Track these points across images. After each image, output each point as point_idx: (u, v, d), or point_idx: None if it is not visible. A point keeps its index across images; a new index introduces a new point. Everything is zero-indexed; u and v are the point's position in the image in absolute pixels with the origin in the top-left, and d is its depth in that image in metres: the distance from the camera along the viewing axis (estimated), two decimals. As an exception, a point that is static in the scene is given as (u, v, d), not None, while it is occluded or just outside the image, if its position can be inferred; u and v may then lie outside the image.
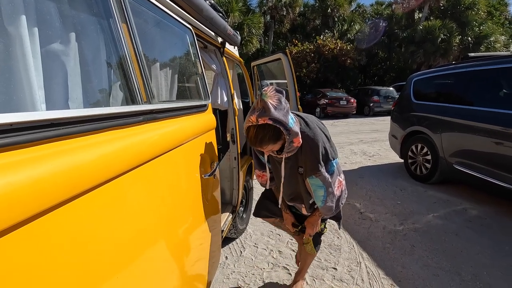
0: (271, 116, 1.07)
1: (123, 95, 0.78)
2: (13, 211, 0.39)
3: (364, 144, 6.74)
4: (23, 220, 0.41)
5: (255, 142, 1.14)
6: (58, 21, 0.67)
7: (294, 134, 1.15)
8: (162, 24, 1.16)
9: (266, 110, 1.07)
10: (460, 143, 3.33)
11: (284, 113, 1.11)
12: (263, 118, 1.07)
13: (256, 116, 1.08)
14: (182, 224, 1.05)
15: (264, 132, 1.11)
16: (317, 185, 1.31)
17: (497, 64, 3.07)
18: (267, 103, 1.07)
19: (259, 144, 1.15)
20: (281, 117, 1.09)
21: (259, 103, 1.09)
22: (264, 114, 1.07)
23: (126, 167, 0.67)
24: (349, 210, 3.10)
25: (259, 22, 14.65)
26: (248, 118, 1.11)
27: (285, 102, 1.13)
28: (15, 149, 0.43)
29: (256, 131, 1.12)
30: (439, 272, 2.04)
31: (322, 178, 1.28)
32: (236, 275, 2.02)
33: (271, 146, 1.17)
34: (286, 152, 1.24)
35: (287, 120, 1.11)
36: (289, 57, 2.70)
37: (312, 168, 1.27)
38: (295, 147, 1.22)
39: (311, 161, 1.27)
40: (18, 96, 0.51)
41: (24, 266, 0.42)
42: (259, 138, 1.12)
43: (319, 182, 1.30)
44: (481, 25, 16.69)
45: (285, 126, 1.11)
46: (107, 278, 0.62)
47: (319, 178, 1.28)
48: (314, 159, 1.26)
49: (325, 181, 1.29)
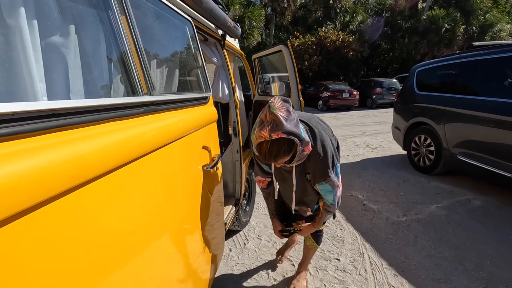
0: (284, 129, 1.03)
1: (124, 87, 0.78)
2: (15, 200, 0.40)
3: (367, 136, 6.72)
4: (25, 209, 0.41)
5: (270, 157, 1.09)
6: (57, 13, 0.66)
7: (305, 143, 1.12)
8: (162, 16, 1.15)
9: (278, 123, 1.03)
10: (464, 133, 3.30)
11: (295, 123, 1.08)
12: (277, 133, 1.03)
13: (269, 131, 1.03)
14: (184, 216, 1.06)
15: (278, 146, 1.07)
16: (326, 190, 1.33)
17: (501, 53, 3.02)
18: (277, 116, 1.03)
19: (274, 159, 1.10)
20: (294, 129, 1.06)
21: (267, 116, 1.05)
22: (277, 128, 1.03)
23: (128, 158, 0.67)
24: (352, 201, 3.11)
25: (260, 15, 14.46)
26: (259, 134, 1.05)
27: (293, 112, 1.10)
28: (17, 139, 0.43)
29: (270, 146, 1.07)
30: (442, 262, 2.05)
31: (332, 183, 1.30)
32: (240, 266, 2.05)
33: (285, 159, 1.14)
34: (296, 161, 1.21)
35: (299, 130, 1.09)
36: (290, 49, 2.68)
37: (323, 174, 1.27)
38: (305, 155, 1.20)
39: (321, 168, 1.26)
40: (19, 88, 0.51)
41: (25, 253, 0.43)
42: (274, 153, 1.08)
43: (329, 188, 1.31)
44: (486, 14, 16.36)
45: (299, 137, 1.08)
46: (109, 268, 0.63)
47: (329, 184, 1.30)
48: (323, 166, 1.25)
49: (334, 186, 1.31)
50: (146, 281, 0.78)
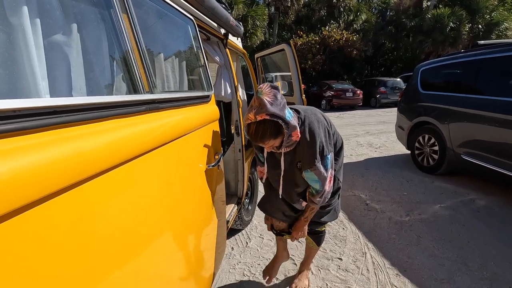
0: (268, 111, 1.11)
1: (126, 85, 0.79)
2: (16, 196, 0.40)
3: (371, 136, 6.68)
4: (26, 205, 0.42)
5: (256, 138, 1.18)
6: (60, 12, 0.67)
7: (292, 128, 1.19)
8: (164, 14, 1.16)
9: (263, 106, 1.12)
10: (468, 133, 3.27)
11: (280, 107, 1.15)
12: (261, 115, 1.12)
13: (254, 113, 1.13)
14: (185, 213, 1.06)
15: (264, 128, 1.15)
16: (312, 179, 1.35)
17: (507, 52, 2.98)
18: (263, 99, 1.12)
19: (260, 140, 1.19)
20: (278, 112, 1.13)
21: (255, 100, 1.14)
22: (261, 110, 1.12)
23: (129, 155, 0.68)
24: (355, 201, 3.09)
25: (263, 14, 14.41)
26: (247, 116, 1.16)
27: (281, 98, 1.17)
28: (19, 135, 0.44)
29: (256, 127, 1.16)
30: (445, 262, 2.03)
31: (317, 173, 1.31)
32: (242, 265, 2.05)
33: (272, 142, 1.21)
34: (285, 146, 1.27)
35: (284, 114, 1.16)
36: (293, 48, 2.67)
37: (308, 162, 1.30)
38: (293, 141, 1.26)
39: (308, 155, 1.30)
40: (22, 86, 0.51)
41: (30, 244, 0.44)
42: (260, 134, 1.17)
43: (314, 176, 1.33)
44: (493, 12, 16.14)
45: (283, 119, 1.15)
46: (109, 264, 0.64)
47: (314, 173, 1.31)
48: (310, 153, 1.29)
49: (320, 176, 1.32)
50: (147, 278, 0.79)
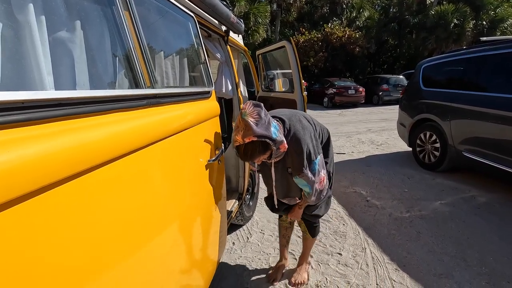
0: (255, 133, 1.15)
1: (127, 80, 0.81)
2: (20, 183, 0.42)
3: (372, 133, 6.68)
4: (30, 192, 0.44)
5: (246, 157, 1.25)
6: (64, 9, 0.69)
7: (279, 142, 1.24)
8: (165, 12, 1.18)
9: (248, 129, 1.15)
10: (470, 130, 3.26)
11: (266, 126, 1.18)
12: (248, 137, 1.15)
13: (242, 136, 1.16)
14: (185, 207, 1.09)
15: (252, 148, 1.20)
16: (302, 183, 1.42)
17: (509, 48, 2.97)
18: (247, 121, 1.15)
19: (250, 159, 1.26)
20: (264, 132, 1.17)
21: (240, 122, 1.17)
22: (248, 133, 1.15)
23: (130, 148, 0.70)
24: (355, 197, 3.11)
25: (265, 11, 14.37)
26: (234, 138, 1.19)
27: (264, 115, 1.20)
28: (25, 126, 0.46)
29: (244, 148, 1.21)
30: (444, 257, 2.05)
31: (306, 178, 1.38)
32: (243, 259, 2.08)
33: (262, 157, 1.27)
34: (274, 158, 1.33)
35: (270, 132, 1.19)
36: (293, 45, 2.68)
37: (297, 169, 1.37)
38: (282, 152, 1.31)
39: (296, 163, 1.36)
40: (29, 81, 0.54)
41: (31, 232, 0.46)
42: (249, 154, 1.22)
43: (303, 181, 1.40)
44: (497, 9, 15.98)
45: (270, 138, 1.19)
46: (114, 256, 0.66)
47: (303, 178, 1.38)
48: (298, 161, 1.35)
49: (309, 181, 1.39)
50: (150, 271, 0.81)
